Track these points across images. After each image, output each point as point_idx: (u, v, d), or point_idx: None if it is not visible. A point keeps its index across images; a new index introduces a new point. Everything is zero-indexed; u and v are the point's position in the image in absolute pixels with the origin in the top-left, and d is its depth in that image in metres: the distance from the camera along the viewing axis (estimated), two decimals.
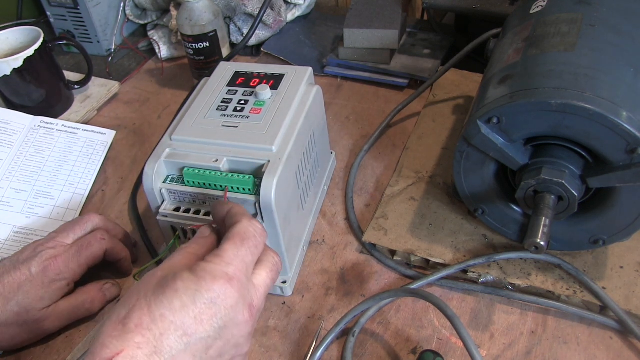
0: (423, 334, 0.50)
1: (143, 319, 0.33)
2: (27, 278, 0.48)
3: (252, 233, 0.39)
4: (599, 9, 0.49)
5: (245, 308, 0.37)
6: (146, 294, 0.35)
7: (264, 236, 0.40)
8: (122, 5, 0.90)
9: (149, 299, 0.34)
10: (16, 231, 0.62)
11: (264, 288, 0.40)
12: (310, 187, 0.57)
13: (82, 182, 0.67)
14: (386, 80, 0.79)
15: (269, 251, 0.42)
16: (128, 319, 0.33)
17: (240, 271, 0.37)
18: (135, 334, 0.33)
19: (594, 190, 0.47)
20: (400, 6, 0.80)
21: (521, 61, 0.47)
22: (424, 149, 0.66)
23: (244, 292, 0.37)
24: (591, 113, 0.41)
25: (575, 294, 0.49)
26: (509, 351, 0.48)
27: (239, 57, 0.87)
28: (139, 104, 0.82)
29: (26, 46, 0.72)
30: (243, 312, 0.37)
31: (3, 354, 0.50)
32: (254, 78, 0.56)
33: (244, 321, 0.37)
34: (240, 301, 0.36)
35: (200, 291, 0.35)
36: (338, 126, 0.74)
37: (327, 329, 0.50)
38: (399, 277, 0.55)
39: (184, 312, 0.34)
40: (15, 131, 0.70)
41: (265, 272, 0.40)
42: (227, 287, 0.36)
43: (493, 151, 0.47)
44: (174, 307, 0.34)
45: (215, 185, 0.48)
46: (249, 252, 0.38)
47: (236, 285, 0.36)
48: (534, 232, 0.44)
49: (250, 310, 0.37)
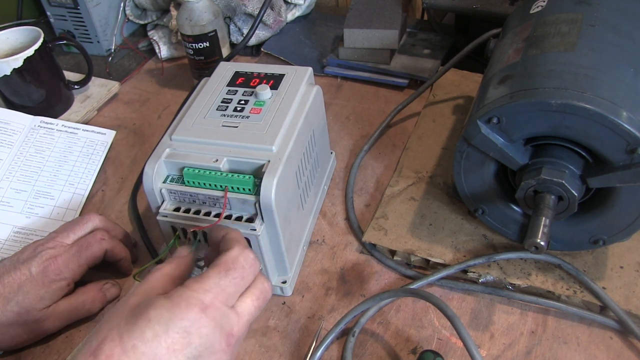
0: (423, 334, 0.50)
1: (114, 350, 0.33)
2: (27, 278, 0.48)
3: (241, 263, 0.38)
4: (599, 9, 0.49)
5: (223, 337, 0.36)
6: (119, 323, 0.34)
7: (254, 267, 0.40)
8: (122, 5, 0.90)
9: (121, 329, 0.34)
10: (16, 231, 0.62)
11: (248, 316, 0.39)
12: (310, 187, 0.57)
13: (82, 182, 0.67)
14: (386, 80, 0.79)
15: (259, 278, 0.41)
16: (99, 350, 0.33)
17: (219, 300, 0.36)
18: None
19: (594, 190, 0.47)
20: (400, 6, 0.80)
21: (521, 61, 0.47)
22: (424, 149, 0.66)
23: (221, 320, 0.36)
24: (591, 113, 0.41)
25: (575, 294, 0.49)
26: (509, 351, 0.48)
27: (239, 57, 0.87)
28: (139, 104, 0.82)
29: (26, 46, 0.72)
30: (220, 341, 0.36)
31: (3, 354, 0.50)
32: (254, 78, 0.56)
33: (220, 350, 0.36)
34: (216, 330, 0.35)
35: (173, 320, 0.34)
36: (338, 126, 0.74)
37: (327, 329, 0.50)
38: (399, 277, 0.55)
39: (156, 342, 0.33)
40: (15, 131, 0.70)
41: (250, 300, 0.39)
42: (201, 316, 0.35)
43: (493, 151, 0.47)
44: (145, 337, 0.33)
45: (215, 185, 0.48)
46: (233, 282, 0.38)
47: (212, 313, 0.35)
48: (534, 232, 0.44)
49: (227, 339, 0.36)
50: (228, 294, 0.37)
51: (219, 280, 0.37)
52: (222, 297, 0.37)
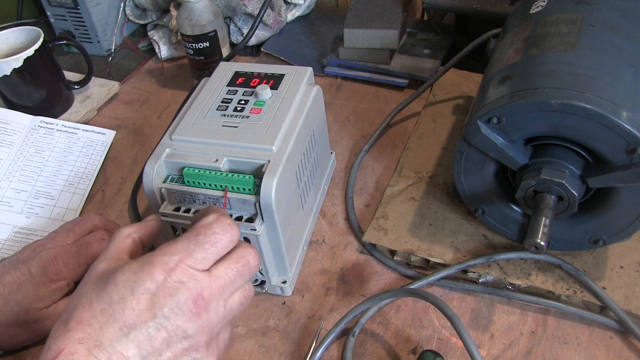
0: (423, 334, 0.50)
1: (84, 316, 0.34)
2: (26, 278, 0.47)
3: (213, 229, 0.38)
4: (599, 9, 0.49)
5: (190, 298, 0.36)
6: (87, 290, 0.35)
7: (230, 232, 0.39)
8: (122, 5, 0.90)
9: (90, 296, 0.35)
10: (16, 231, 0.62)
11: (223, 280, 0.38)
12: (310, 187, 0.57)
13: (82, 182, 0.67)
14: (386, 80, 0.79)
15: (241, 244, 0.41)
16: (70, 318, 0.34)
17: (185, 263, 0.36)
18: (75, 331, 0.33)
19: (594, 190, 0.47)
20: (400, 6, 0.80)
21: (521, 61, 0.47)
22: (424, 149, 0.66)
23: (188, 282, 0.36)
24: (591, 113, 0.41)
25: (575, 294, 0.49)
26: (509, 351, 0.48)
27: (239, 57, 0.87)
28: (139, 104, 0.82)
29: (26, 46, 0.72)
30: (187, 302, 0.35)
31: (3, 353, 0.50)
32: (254, 78, 0.56)
33: (188, 310, 0.35)
34: (182, 291, 0.35)
35: (137, 282, 0.35)
36: (338, 126, 0.74)
37: (327, 329, 0.50)
38: (399, 277, 0.55)
39: (122, 303, 0.34)
40: (15, 131, 0.70)
41: (227, 263, 0.39)
42: (165, 277, 0.35)
43: (493, 151, 0.47)
44: (113, 300, 0.34)
45: (215, 185, 0.48)
46: (202, 247, 0.37)
47: (177, 275, 0.35)
48: (534, 232, 0.44)
49: (196, 301, 0.36)
50: (196, 258, 0.37)
51: (187, 244, 0.37)
52: (190, 261, 0.37)
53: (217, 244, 0.38)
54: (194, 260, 0.37)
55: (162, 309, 0.35)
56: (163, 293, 0.35)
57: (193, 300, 0.36)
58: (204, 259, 0.38)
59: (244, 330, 0.51)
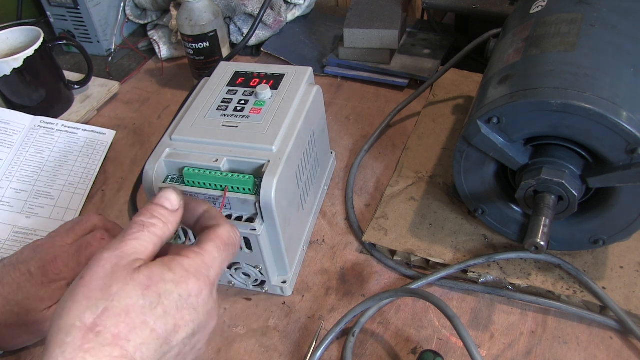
0: (423, 334, 0.50)
1: (120, 328, 0.29)
2: (26, 278, 0.47)
3: (233, 240, 0.39)
4: (599, 9, 0.49)
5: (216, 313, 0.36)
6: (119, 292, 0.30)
7: (239, 244, 0.40)
8: (122, 5, 0.90)
9: (123, 301, 0.30)
10: (16, 231, 0.62)
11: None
12: (310, 187, 0.57)
13: (82, 182, 0.67)
14: (386, 80, 0.79)
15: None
16: (102, 326, 0.29)
17: (218, 277, 0.37)
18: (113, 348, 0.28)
19: (594, 190, 0.47)
20: (400, 6, 0.80)
21: (521, 61, 0.47)
22: (424, 149, 0.66)
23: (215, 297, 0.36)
24: (591, 113, 0.41)
25: (575, 294, 0.49)
26: (509, 351, 0.48)
27: (239, 57, 0.87)
28: (139, 104, 0.82)
29: (26, 46, 0.72)
30: (215, 318, 0.36)
31: (3, 354, 0.50)
32: (254, 78, 0.56)
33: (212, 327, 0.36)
34: (214, 307, 0.36)
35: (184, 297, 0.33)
36: (338, 126, 0.74)
37: (327, 329, 0.50)
38: (399, 277, 0.55)
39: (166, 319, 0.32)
40: (15, 131, 0.70)
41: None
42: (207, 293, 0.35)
43: (493, 151, 0.47)
44: (157, 313, 0.31)
45: (215, 185, 0.48)
46: (228, 260, 0.38)
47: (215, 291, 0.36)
48: (534, 232, 0.44)
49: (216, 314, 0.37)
50: (223, 272, 0.38)
51: (219, 255, 0.37)
52: (220, 274, 0.37)
53: (235, 255, 0.39)
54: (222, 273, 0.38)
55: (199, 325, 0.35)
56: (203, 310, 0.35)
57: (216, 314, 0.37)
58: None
59: (244, 330, 0.51)
